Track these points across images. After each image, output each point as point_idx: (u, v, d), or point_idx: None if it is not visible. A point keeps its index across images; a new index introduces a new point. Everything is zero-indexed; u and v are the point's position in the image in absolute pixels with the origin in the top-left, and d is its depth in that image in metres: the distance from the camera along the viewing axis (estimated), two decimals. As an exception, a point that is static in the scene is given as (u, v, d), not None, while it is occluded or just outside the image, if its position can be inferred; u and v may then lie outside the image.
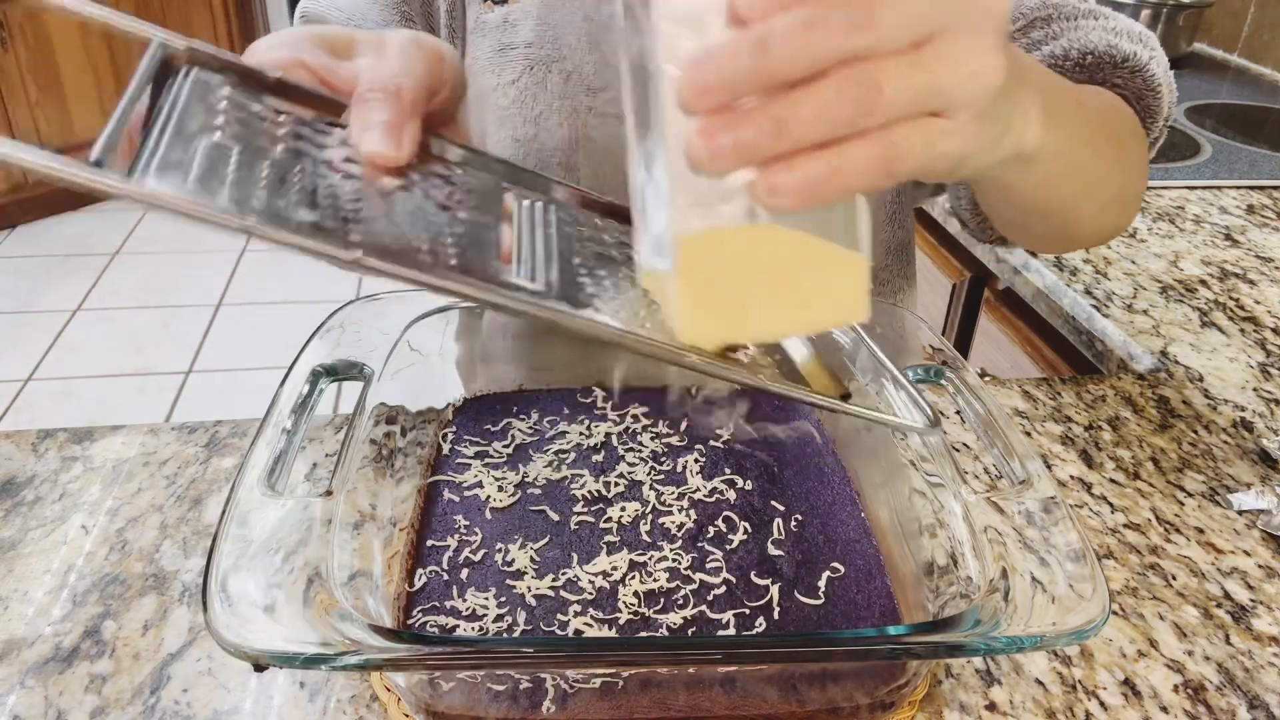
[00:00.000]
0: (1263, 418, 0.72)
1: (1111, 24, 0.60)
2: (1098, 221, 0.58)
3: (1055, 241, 0.63)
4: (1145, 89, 0.59)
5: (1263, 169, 1.25)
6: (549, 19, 0.63)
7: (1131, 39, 0.59)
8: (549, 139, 0.65)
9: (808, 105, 0.28)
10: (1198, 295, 0.90)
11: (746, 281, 0.30)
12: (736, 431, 0.60)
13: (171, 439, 0.65)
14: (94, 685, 0.47)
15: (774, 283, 0.31)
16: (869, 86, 0.28)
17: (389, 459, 0.52)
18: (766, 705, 0.43)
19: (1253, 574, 0.56)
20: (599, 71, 0.63)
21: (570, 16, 0.63)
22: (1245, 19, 1.75)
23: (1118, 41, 0.59)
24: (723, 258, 0.30)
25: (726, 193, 0.29)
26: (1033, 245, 0.64)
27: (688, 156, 0.29)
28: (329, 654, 0.35)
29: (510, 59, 0.65)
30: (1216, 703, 0.48)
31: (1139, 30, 0.60)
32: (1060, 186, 0.50)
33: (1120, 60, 0.59)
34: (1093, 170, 0.52)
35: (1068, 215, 0.55)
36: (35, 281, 2.77)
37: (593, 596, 0.47)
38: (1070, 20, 0.61)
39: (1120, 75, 0.59)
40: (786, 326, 0.32)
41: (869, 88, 0.28)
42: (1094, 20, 0.60)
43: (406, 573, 0.49)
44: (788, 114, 0.28)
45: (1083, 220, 0.56)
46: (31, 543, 0.56)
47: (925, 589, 0.46)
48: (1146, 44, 0.60)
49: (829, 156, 0.29)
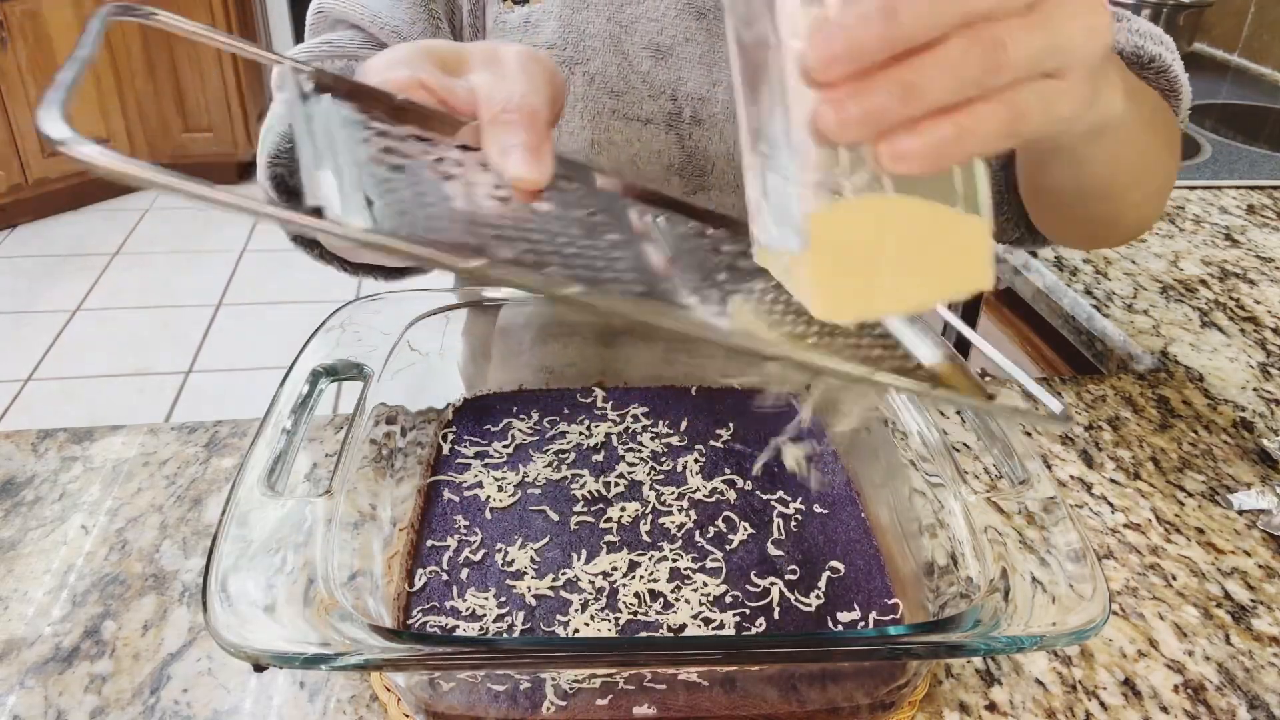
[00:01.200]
0: (1263, 418, 0.72)
1: (1134, 25, 0.61)
2: (1139, 210, 0.58)
3: (1092, 232, 0.63)
4: (1169, 90, 0.60)
5: (1263, 169, 1.25)
6: (571, 20, 0.63)
7: (1155, 41, 0.60)
8: (571, 141, 0.65)
9: (935, 68, 0.28)
10: (1198, 295, 0.90)
11: (875, 254, 0.30)
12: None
13: (171, 439, 0.65)
14: (94, 685, 0.47)
15: (902, 254, 0.30)
16: (994, 46, 0.28)
17: (389, 459, 0.52)
18: (766, 705, 0.43)
19: (1253, 574, 0.56)
20: (621, 74, 0.64)
21: (592, 18, 0.63)
22: (1245, 19, 1.75)
23: (1143, 43, 0.60)
24: (852, 232, 0.30)
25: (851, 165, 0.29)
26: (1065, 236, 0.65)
27: (815, 127, 0.28)
28: (329, 654, 0.35)
29: None
30: (1216, 703, 0.48)
31: (1159, 33, 0.61)
32: (1122, 165, 0.50)
33: (1147, 61, 0.59)
34: (1151, 154, 0.53)
35: (1118, 199, 0.55)
36: (35, 281, 2.77)
37: (593, 596, 0.47)
38: None
39: (1146, 76, 0.60)
40: (917, 298, 0.32)
41: (994, 47, 0.28)
42: (1118, 22, 0.61)
43: (406, 573, 0.49)
44: (916, 78, 0.28)
45: (1127, 207, 0.57)
46: (31, 543, 0.56)
47: (925, 589, 0.46)
48: (1168, 46, 0.61)
49: (955, 119, 0.29)
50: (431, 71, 0.40)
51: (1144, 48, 0.60)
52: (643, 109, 0.64)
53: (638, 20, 0.63)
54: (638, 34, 0.63)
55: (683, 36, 0.63)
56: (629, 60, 0.63)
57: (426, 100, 0.40)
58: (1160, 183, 0.57)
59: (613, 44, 0.63)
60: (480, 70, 0.41)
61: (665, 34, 0.63)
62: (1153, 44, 0.60)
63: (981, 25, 0.28)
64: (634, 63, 0.63)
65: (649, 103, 0.64)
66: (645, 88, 0.64)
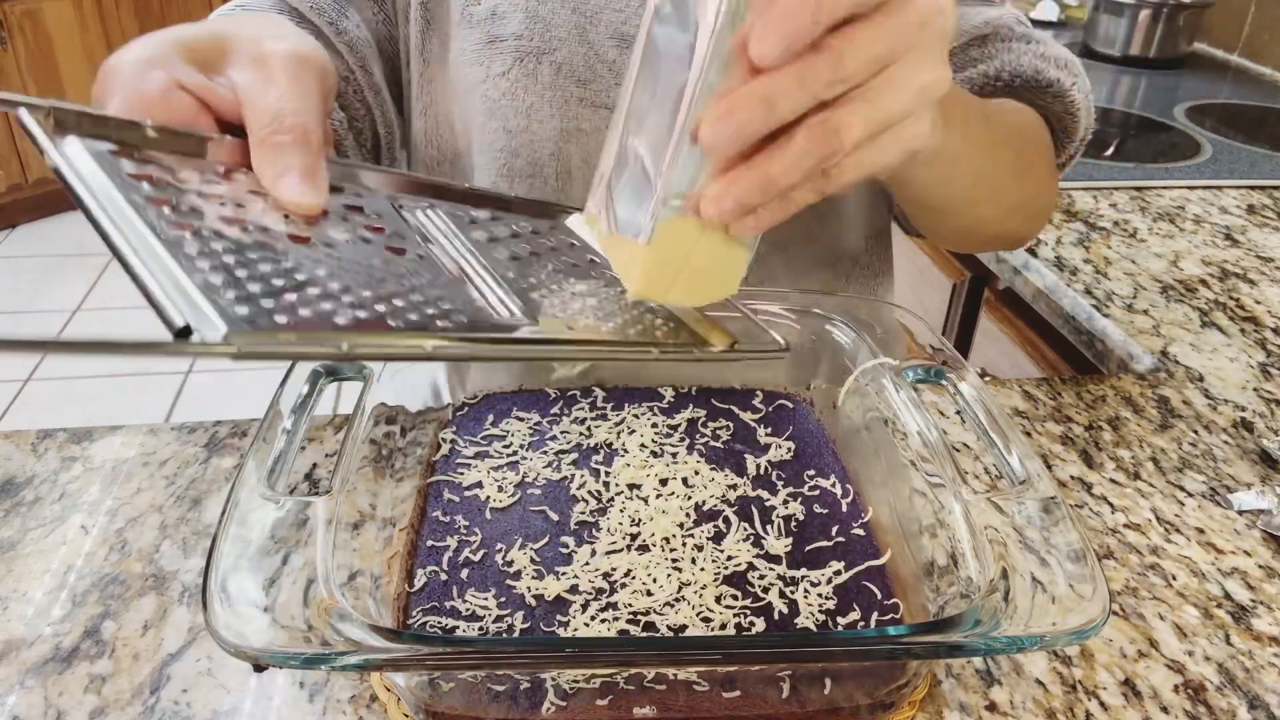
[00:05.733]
0: (1263, 418, 0.72)
1: (1042, 50, 0.65)
2: (1000, 225, 0.64)
3: (958, 239, 0.70)
4: (1065, 112, 0.65)
5: (1263, 169, 1.25)
6: (538, 11, 0.64)
7: (1058, 66, 0.64)
8: (540, 130, 0.66)
9: (785, 162, 0.34)
10: (1198, 295, 0.90)
11: (685, 259, 0.38)
12: (737, 430, 0.60)
13: (171, 439, 0.65)
14: (94, 685, 0.47)
15: (699, 263, 0.38)
16: (831, 134, 0.33)
17: (389, 459, 0.52)
18: (766, 705, 0.43)
19: (1253, 574, 0.56)
20: (588, 63, 0.64)
21: (558, 9, 0.64)
22: (1245, 19, 1.75)
23: (1045, 68, 0.64)
24: (679, 241, 0.37)
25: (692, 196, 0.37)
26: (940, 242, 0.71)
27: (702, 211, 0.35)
28: (329, 654, 0.35)
29: (499, 51, 0.65)
30: (1217, 703, 0.48)
31: (1065, 57, 0.66)
32: (959, 187, 0.55)
33: (1045, 85, 0.64)
34: (994, 176, 0.57)
35: (968, 215, 0.60)
36: (35, 281, 2.77)
37: (593, 596, 0.47)
38: (1006, 43, 0.66)
39: (1044, 98, 0.65)
40: (696, 297, 0.40)
41: (831, 135, 0.33)
42: (1026, 45, 0.65)
43: (406, 573, 0.49)
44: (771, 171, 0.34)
45: (984, 221, 0.62)
46: (31, 543, 0.56)
47: (925, 589, 0.46)
48: (1070, 70, 0.65)
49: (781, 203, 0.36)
50: (187, 70, 0.39)
51: (1044, 72, 0.64)
52: (610, 96, 0.65)
53: (602, 10, 0.64)
54: (602, 24, 0.64)
55: None
56: (595, 50, 0.64)
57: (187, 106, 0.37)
58: (1016, 200, 0.62)
59: (578, 34, 0.64)
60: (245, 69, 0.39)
61: (630, 24, 0.63)
62: (1055, 69, 0.64)
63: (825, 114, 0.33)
64: (600, 52, 0.64)
65: (616, 90, 0.64)
66: (612, 76, 0.64)
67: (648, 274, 0.38)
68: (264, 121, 0.36)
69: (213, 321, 0.29)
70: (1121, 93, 1.59)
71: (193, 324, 0.28)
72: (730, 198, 0.34)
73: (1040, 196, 0.65)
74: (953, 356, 0.55)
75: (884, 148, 0.36)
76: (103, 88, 0.39)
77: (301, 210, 0.36)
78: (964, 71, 0.65)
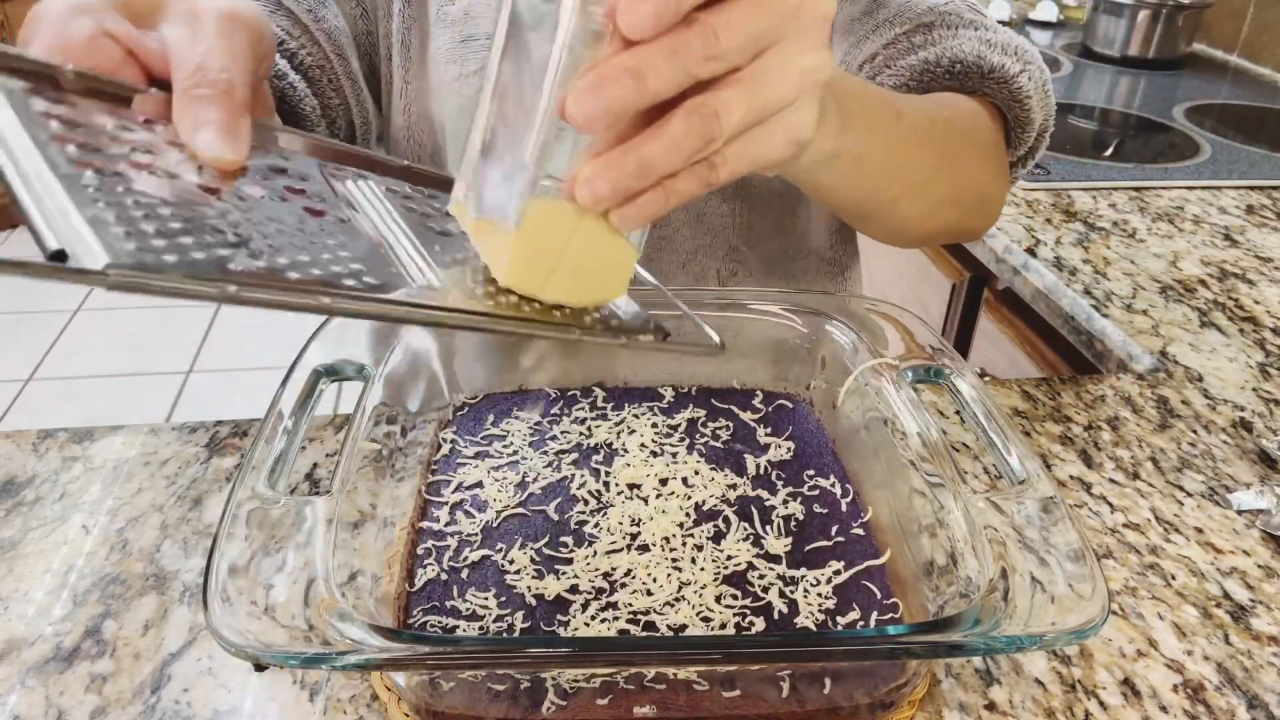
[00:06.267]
0: (1262, 418, 0.72)
1: (989, 36, 0.63)
2: (930, 220, 0.61)
3: (892, 237, 0.67)
4: (1012, 99, 0.63)
5: (1262, 169, 1.25)
6: None
7: (1005, 52, 0.63)
8: None
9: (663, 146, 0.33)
10: (1197, 295, 0.90)
11: (561, 249, 0.35)
12: (737, 429, 0.60)
13: (171, 439, 0.65)
14: (94, 685, 0.47)
15: (577, 255, 0.36)
16: (710, 119, 0.32)
17: (389, 459, 0.52)
18: (766, 705, 0.43)
19: (1252, 574, 0.56)
20: None
21: None
22: (1245, 19, 1.75)
23: (988, 53, 0.62)
24: (553, 226, 0.35)
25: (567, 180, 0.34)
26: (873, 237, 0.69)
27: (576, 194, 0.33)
28: (329, 654, 0.35)
29: (473, 49, 0.66)
30: (1216, 702, 0.48)
31: (1016, 44, 0.64)
32: (870, 187, 0.53)
33: (987, 71, 0.62)
34: (911, 172, 0.55)
35: (890, 215, 0.58)
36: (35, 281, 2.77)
37: (593, 596, 0.47)
38: (950, 29, 0.64)
39: (988, 85, 0.63)
40: (576, 294, 0.37)
41: (710, 120, 0.32)
42: (974, 31, 0.64)
43: (406, 573, 0.49)
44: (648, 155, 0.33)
45: (910, 220, 0.60)
46: (32, 543, 0.56)
47: (925, 589, 0.46)
48: (1020, 57, 0.63)
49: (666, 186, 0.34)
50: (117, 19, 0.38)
51: (986, 58, 0.62)
52: None
53: None
54: None
55: None
56: None
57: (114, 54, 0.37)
58: (945, 194, 0.60)
59: None
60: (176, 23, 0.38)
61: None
62: (999, 54, 0.62)
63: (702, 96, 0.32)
64: None
65: None
66: None
67: (518, 262, 0.35)
68: (187, 73, 0.36)
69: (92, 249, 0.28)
70: (1121, 93, 1.60)
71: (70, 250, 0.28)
72: (604, 180, 0.33)
73: (977, 188, 0.63)
74: (952, 356, 0.55)
75: (767, 137, 0.35)
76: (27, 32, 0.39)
77: (218, 165, 0.35)
78: (905, 59, 0.64)
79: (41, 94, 0.34)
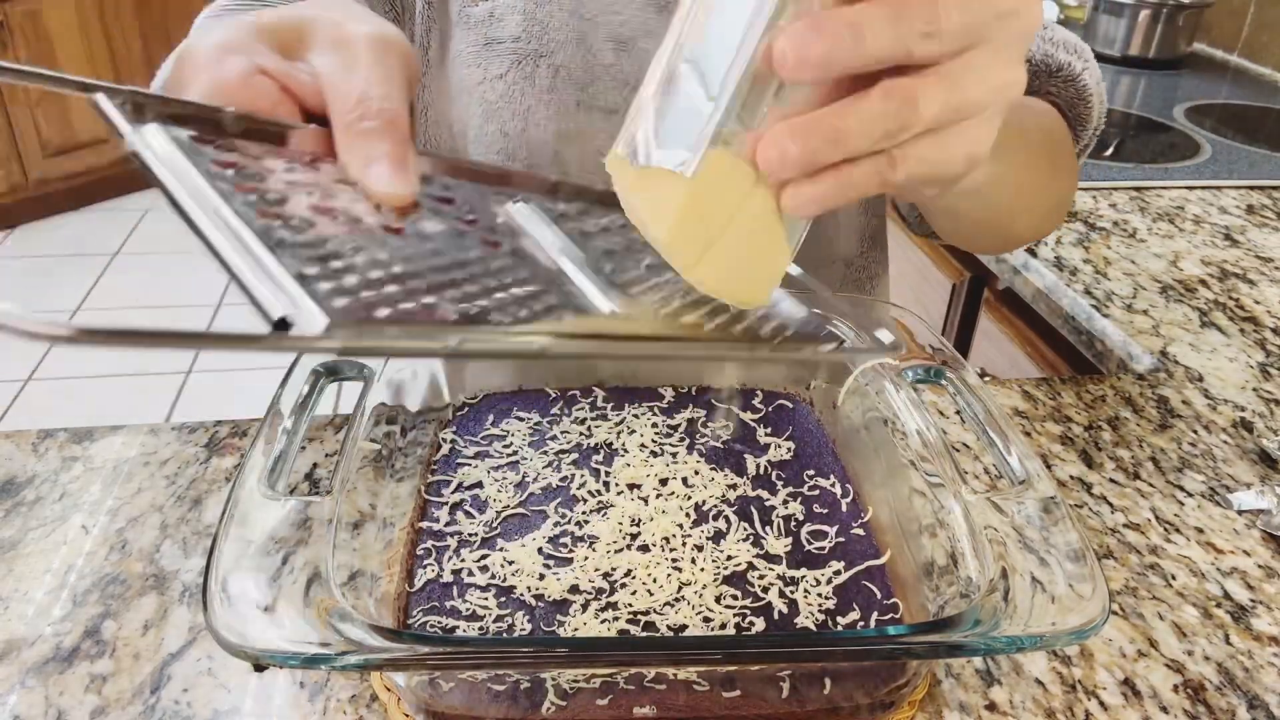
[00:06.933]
0: (1262, 418, 0.72)
1: (1049, 34, 0.64)
2: (1034, 229, 0.64)
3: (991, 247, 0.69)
4: (1077, 98, 0.64)
5: (1262, 169, 1.25)
6: (535, 14, 0.64)
7: (1068, 50, 0.63)
8: (538, 133, 0.66)
9: (858, 120, 0.30)
10: (1197, 295, 0.90)
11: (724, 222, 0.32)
12: (734, 429, 0.60)
13: (171, 439, 0.65)
14: (94, 685, 0.47)
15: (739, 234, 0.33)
16: (908, 103, 0.30)
17: (389, 459, 0.52)
18: (766, 705, 0.43)
19: (1252, 574, 0.56)
20: (586, 66, 0.64)
21: (555, 12, 0.64)
22: (1245, 19, 1.75)
23: (1054, 52, 0.63)
24: (724, 186, 0.32)
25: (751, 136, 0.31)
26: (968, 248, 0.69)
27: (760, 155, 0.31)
28: (329, 654, 0.35)
29: (497, 53, 0.65)
30: (1216, 702, 0.48)
31: (1075, 42, 0.64)
32: (1000, 206, 0.54)
33: (1055, 69, 0.63)
34: (1030, 189, 0.56)
35: (1006, 226, 0.60)
36: (35, 281, 2.77)
37: (593, 596, 0.47)
38: None
39: (1055, 84, 0.63)
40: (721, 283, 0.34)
41: (908, 104, 0.30)
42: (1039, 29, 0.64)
43: (406, 573, 0.49)
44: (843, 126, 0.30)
45: (1019, 229, 0.62)
46: (32, 543, 0.56)
47: (925, 589, 0.46)
48: (1081, 55, 0.64)
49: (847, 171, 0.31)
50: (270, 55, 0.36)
51: (1054, 56, 0.63)
52: (609, 99, 0.65)
53: (600, 14, 0.63)
54: (600, 27, 0.64)
55: (644, 30, 0.63)
56: (593, 53, 0.64)
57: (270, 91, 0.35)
58: (1050, 203, 0.61)
59: (576, 37, 0.64)
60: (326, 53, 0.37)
61: (627, 27, 0.63)
62: (1064, 53, 0.63)
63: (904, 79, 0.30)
64: (598, 55, 0.64)
65: (614, 93, 0.64)
66: (610, 79, 0.64)
67: (684, 218, 0.32)
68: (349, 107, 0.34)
69: (311, 313, 0.26)
70: (1121, 93, 1.60)
71: (289, 317, 0.26)
72: (794, 142, 0.30)
73: (1067, 192, 0.64)
74: (952, 356, 0.55)
75: (951, 144, 0.33)
76: (179, 75, 0.38)
77: (392, 201, 0.33)
78: None
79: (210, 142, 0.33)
